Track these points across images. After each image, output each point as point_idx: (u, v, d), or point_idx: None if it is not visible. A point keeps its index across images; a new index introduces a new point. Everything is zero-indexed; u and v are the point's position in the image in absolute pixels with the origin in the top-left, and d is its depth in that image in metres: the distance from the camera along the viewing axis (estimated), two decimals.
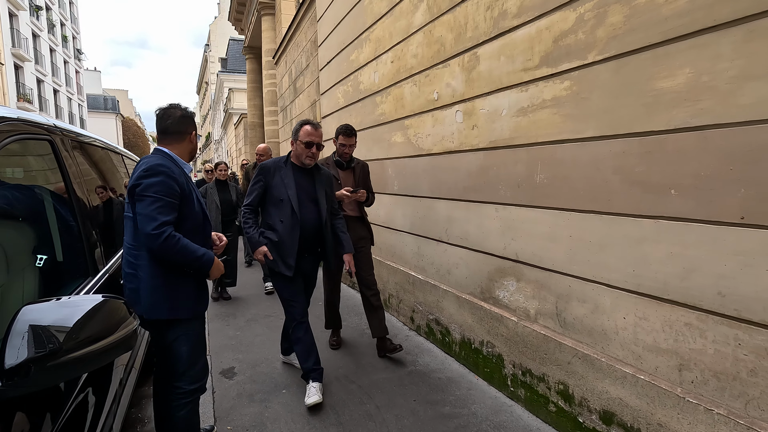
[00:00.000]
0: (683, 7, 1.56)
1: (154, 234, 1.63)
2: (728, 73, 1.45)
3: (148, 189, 1.67)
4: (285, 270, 2.49)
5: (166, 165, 1.74)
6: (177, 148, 1.89)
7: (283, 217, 2.50)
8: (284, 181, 2.53)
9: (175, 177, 1.74)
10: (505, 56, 2.45)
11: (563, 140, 2.11)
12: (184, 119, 1.90)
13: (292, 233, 2.49)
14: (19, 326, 0.87)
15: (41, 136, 1.50)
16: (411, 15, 3.38)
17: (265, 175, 2.57)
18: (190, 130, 1.93)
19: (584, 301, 2.06)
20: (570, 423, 2.12)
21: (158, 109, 1.91)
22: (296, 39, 8.42)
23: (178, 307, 1.79)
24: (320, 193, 2.60)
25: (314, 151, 2.52)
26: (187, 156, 1.95)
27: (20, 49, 24.81)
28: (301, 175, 2.58)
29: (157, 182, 1.68)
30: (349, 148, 3.13)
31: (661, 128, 1.67)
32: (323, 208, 2.59)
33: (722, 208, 1.49)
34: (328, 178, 2.70)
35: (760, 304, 1.41)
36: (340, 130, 3.12)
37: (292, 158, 2.61)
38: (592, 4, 1.91)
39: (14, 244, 1.29)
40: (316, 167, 2.65)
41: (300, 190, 2.54)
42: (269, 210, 2.57)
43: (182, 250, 1.69)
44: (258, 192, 2.58)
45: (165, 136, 1.88)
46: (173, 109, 1.90)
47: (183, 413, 1.87)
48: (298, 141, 2.52)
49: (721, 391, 1.53)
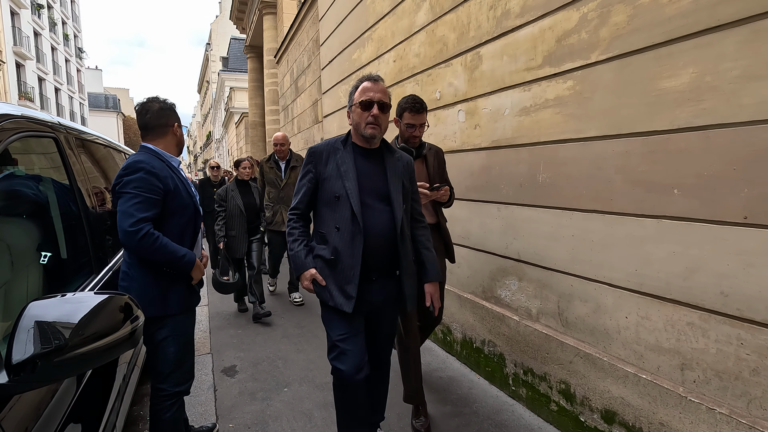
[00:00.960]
0: (687, 7, 1.56)
1: (131, 231, 1.59)
2: (732, 73, 1.45)
3: (126, 186, 1.65)
4: (343, 303, 1.67)
5: (145, 161, 1.70)
6: (161, 143, 1.84)
7: (340, 222, 1.69)
8: (341, 169, 1.71)
9: (156, 172, 1.70)
10: (507, 56, 2.46)
11: (566, 140, 2.11)
12: (163, 111, 1.83)
13: (353, 246, 1.67)
14: (26, 322, 0.88)
15: (46, 133, 1.50)
16: (413, 14, 3.38)
17: (315, 163, 1.77)
18: (172, 122, 1.86)
19: (586, 300, 2.06)
20: (572, 422, 2.12)
21: (137, 104, 1.85)
22: (298, 38, 8.42)
23: (167, 304, 1.76)
24: (394, 187, 1.75)
25: (377, 112, 1.69)
26: (174, 149, 1.89)
27: (22, 47, 24.84)
28: (364, 160, 1.76)
29: (135, 179, 1.65)
30: (419, 129, 2.24)
31: (664, 128, 1.67)
32: (399, 209, 1.72)
33: (725, 207, 1.49)
34: (407, 164, 1.86)
35: (762, 304, 1.41)
36: (406, 105, 2.22)
37: (353, 137, 1.81)
38: (595, 3, 1.91)
39: (19, 241, 1.30)
40: (387, 147, 1.83)
41: (364, 180, 1.72)
42: (321, 213, 1.77)
43: (161, 248, 1.65)
44: (307, 189, 1.78)
45: (147, 131, 1.83)
46: (151, 102, 1.83)
47: (168, 416, 1.82)
48: (354, 105, 1.75)
49: (724, 391, 1.53)
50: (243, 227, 4.04)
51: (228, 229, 4.00)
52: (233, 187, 4.09)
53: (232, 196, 4.05)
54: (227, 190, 4.07)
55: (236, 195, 4.06)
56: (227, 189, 4.07)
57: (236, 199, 4.04)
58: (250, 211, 4.13)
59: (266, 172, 4.59)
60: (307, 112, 8.09)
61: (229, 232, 4.00)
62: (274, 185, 4.53)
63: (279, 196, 4.50)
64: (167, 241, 1.68)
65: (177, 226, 1.78)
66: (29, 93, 25.77)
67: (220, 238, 3.97)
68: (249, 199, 4.14)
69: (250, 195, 4.17)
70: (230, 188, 4.08)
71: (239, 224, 4.02)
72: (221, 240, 3.96)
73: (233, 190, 4.07)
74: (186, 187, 1.85)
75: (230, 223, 4.00)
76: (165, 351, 1.79)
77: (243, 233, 4.04)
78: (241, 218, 4.02)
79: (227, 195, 4.05)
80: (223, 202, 4.02)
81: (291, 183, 4.48)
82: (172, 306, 1.77)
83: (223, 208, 4.00)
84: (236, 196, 4.06)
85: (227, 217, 4.00)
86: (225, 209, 4.00)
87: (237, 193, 4.07)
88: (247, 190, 4.18)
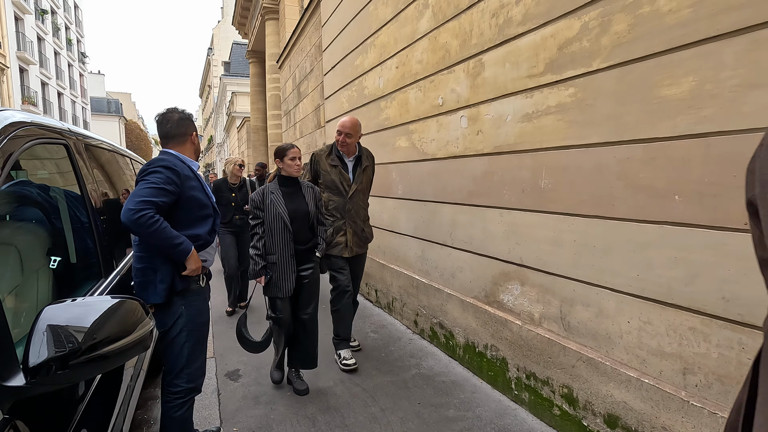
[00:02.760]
0: (687, 17, 1.59)
1: (132, 209, 1.65)
2: (731, 81, 1.48)
3: (145, 175, 1.77)
4: None
5: (168, 159, 1.84)
6: (180, 150, 1.98)
7: None
8: None
9: (177, 169, 1.81)
10: (510, 63, 2.49)
11: (568, 146, 2.14)
12: (183, 121, 1.98)
13: None
14: (41, 326, 0.90)
15: (56, 140, 1.53)
16: (416, 21, 3.42)
17: None
18: (191, 131, 2.01)
19: (588, 305, 2.07)
20: (574, 426, 2.13)
21: (157, 115, 1.99)
22: (300, 43, 8.48)
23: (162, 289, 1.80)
24: None
25: None
26: (192, 155, 2.03)
27: (25, 52, 25.00)
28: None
29: (154, 170, 1.77)
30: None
31: (665, 135, 1.69)
32: None
33: (726, 214, 1.51)
34: None
35: (763, 309, 1.42)
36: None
37: None
38: (596, 12, 1.94)
39: (29, 246, 1.32)
40: None
41: None
42: None
43: (159, 231, 1.69)
44: None
45: (167, 140, 1.97)
46: (171, 113, 1.98)
47: (180, 413, 1.87)
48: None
49: (725, 395, 1.54)
50: (287, 250, 2.57)
51: (266, 253, 2.60)
52: (275, 187, 2.64)
53: (273, 200, 2.58)
54: (265, 192, 2.61)
55: (278, 199, 2.58)
56: (265, 191, 2.62)
57: (278, 205, 2.56)
58: (300, 223, 2.62)
59: (325, 172, 3.09)
60: (310, 117, 8.13)
61: (269, 257, 2.59)
62: (337, 191, 3.07)
63: (345, 209, 3.06)
64: (166, 225, 1.72)
65: (191, 222, 1.86)
66: (32, 97, 25.90)
67: (259, 270, 2.57)
68: (299, 205, 2.62)
69: (301, 199, 2.64)
70: (270, 189, 2.63)
71: (282, 245, 2.56)
72: (261, 272, 2.58)
73: (274, 192, 2.61)
74: (204, 188, 1.96)
75: (267, 242, 2.59)
76: (178, 346, 1.85)
77: (288, 260, 2.58)
78: (285, 235, 2.56)
79: (265, 199, 2.59)
80: (260, 212, 2.59)
81: (362, 190, 3.16)
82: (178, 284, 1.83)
83: (260, 221, 2.60)
84: (278, 200, 2.58)
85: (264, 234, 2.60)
86: (263, 221, 2.59)
87: (279, 196, 2.59)
88: (296, 191, 2.66)
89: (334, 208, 3.08)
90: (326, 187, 3.10)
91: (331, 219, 3.07)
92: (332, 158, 3.08)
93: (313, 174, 3.17)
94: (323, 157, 3.11)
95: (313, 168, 3.15)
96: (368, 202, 3.30)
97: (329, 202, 3.10)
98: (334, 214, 3.08)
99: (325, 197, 3.10)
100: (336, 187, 3.07)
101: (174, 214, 1.81)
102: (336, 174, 3.06)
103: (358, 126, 3.05)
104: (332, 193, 3.09)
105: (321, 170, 3.11)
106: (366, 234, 3.22)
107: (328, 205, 3.10)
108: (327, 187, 3.10)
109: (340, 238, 3.06)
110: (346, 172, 3.09)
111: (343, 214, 3.07)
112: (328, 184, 3.08)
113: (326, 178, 3.08)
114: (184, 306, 1.86)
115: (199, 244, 1.90)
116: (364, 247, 3.22)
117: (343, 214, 3.07)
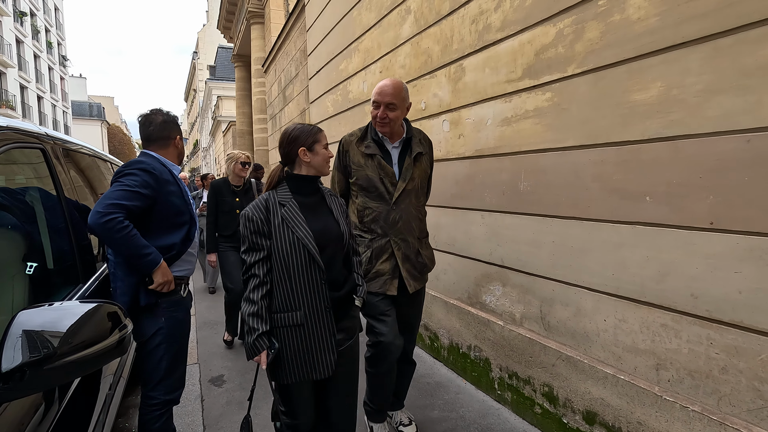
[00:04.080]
0: (654, 25, 1.66)
1: (100, 212, 1.55)
2: (696, 87, 1.54)
3: (120, 177, 1.69)
4: None
5: (147, 162, 1.76)
6: (164, 154, 1.90)
7: None
8: None
9: (154, 173, 1.73)
10: (489, 68, 2.54)
11: (545, 149, 2.19)
12: (167, 124, 1.89)
13: None
14: (15, 331, 0.89)
15: (33, 144, 1.52)
16: (399, 27, 3.47)
17: None
18: (174, 135, 1.92)
19: (567, 304, 2.12)
20: (555, 424, 2.17)
21: (140, 115, 1.89)
22: (286, 48, 8.48)
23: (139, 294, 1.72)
24: None
25: None
26: (175, 160, 1.95)
27: (3, 55, 24.43)
28: None
29: (130, 172, 1.69)
30: None
31: (636, 138, 1.75)
32: None
33: (693, 214, 1.57)
34: None
35: (729, 305, 1.48)
36: None
37: None
38: (570, 20, 2.01)
39: (4, 251, 1.30)
40: None
41: None
42: None
43: (126, 238, 1.58)
44: None
45: (149, 142, 1.88)
46: (155, 114, 1.89)
47: (157, 426, 1.81)
48: None
49: (696, 389, 1.59)
50: (319, 301, 1.54)
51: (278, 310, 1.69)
52: (285, 196, 1.70)
53: (285, 219, 1.56)
54: (269, 205, 1.65)
55: (294, 215, 1.57)
56: (269, 203, 1.66)
57: (296, 226, 1.55)
58: (332, 253, 1.61)
59: (357, 166, 2.06)
60: (295, 120, 8.13)
61: (282, 317, 1.63)
62: (375, 194, 2.04)
63: (389, 220, 2.03)
64: (136, 233, 1.61)
65: (165, 229, 1.78)
66: (11, 101, 25.29)
67: (258, 342, 1.50)
68: (327, 224, 1.63)
69: (327, 215, 1.65)
70: (279, 199, 1.65)
71: (310, 292, 1.54)
72: (261, 345, 1.53)
73: (286, 204, 1.66)
74: (183, 194, 1.88)
75: (279, 292, 1.66)
76: (157, 357, 1.78)
77: (321, 318, 1.55)
78: (312, 274, 1.54)
79: (271, 218, 1.58)
80: (263, 239, 1.66)
81: (415, 190, 2.07)
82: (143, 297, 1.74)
83: (261, 256, 1.70)
84: (294, 217, 1.57)
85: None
86: (267, 256, 1.73)
87: (295, 210, 1.57)
88: (319, 201, 1.68)
89: (372, 219, 2.02)
90: (360, 189, 2.05)
91: (367, 237, 2.03)
92: (367, 144, 2.04)
93: (342, 171, 2.12)
94: (353, 143, 2.07)
95: (343, 161, 2.10)
96: (425, 210, 2.21)
97: (364, 211, 2.04)
98: (373, 229, 2.02)
99: (359, 203, 2.06)
100: (374, 188, 2.01)
101: (147, 220, 1.72)
102: (373, 168, 2.01)
103: (404, 91, 1.99)
104: (369, 196, 2.03)
105: (352, 164, 2.05)
106: (424, 258, 2.10)
107: (362, 215, 2.05)
108: (361, 188, 2.05)
109: (382, 265, 2.00)
110: (389, 163, 2.02)
111: (386, 229, 2.01)
112: (362, 182, 2.03)
113: (359, 174, 2.03)
114: (164, 318, 1.78)
115: (172, 255, 1.79)
116: (421, 279, 2.11)
117: (386, 229, 2.01)
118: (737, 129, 1.44)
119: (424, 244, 2.16)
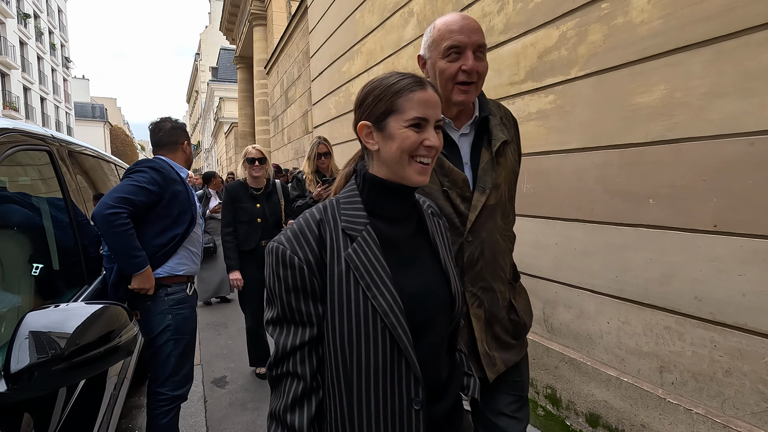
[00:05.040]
0: (657, 28, 1.66)
1: (107, 203, 1.65)
2: (700, 89, 1.54)
3: (130, 174, 1.81)
4: None
5: (156, 162, 1.87)
6: (172, 158, 2.01)
7: None
8: None
9: (163, 172, 1.84)
10: (492, 70, 2.54)
11: (549, 151, 2.19)
12: (175, 130, 2.03)
13: None
14: (23, 332, 0.90)
15: (39, 146, 1.53)
16: (401, 29, 3.48)
17: None
18: (182, 140, 2.05)
19: (570, 306, 2.12)
20: (558, 426, 2.17)
21: (151, 123, 2.05)
22: (288, 50, 8.51)
23: None
24: None
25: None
26: (183, 164, 2.06)
27: (7, 56, 24.55)
28: None
29: (140, 170, 1.81)
30: None
31: (640, 141, 1.75)
32: None
33: (697, 216, 1.57)
34: None
35: (732, 307, 1.48)
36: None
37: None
38: (573, 22, 2.01)
39: (11, 252, 1.31)
40: None
41: None
42: None
43: (122, 234, 1.65)
44: None
45: (159, 148, 2.01)
46: (164, 122, 2.04)
47: (165, 421, 1.87)
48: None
49: (699, 392, 1.59)
50: (404, 419, 0.76)
51: None
52: (351, 222, 0.82)
53: (352, 269, 0.77)
54: (329, 242, 0.80)
55: (369, 263, 0.78)
56: (324, 237, 0.80)
57: (374, 284, 0.77)
58: (437, 333, 0.84)
59: None
60: (297, 122, 8.15)
61: None
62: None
63: (461, 258, 1.15)
64: (133, 234, 1.70)
65: (170, 222, 1.86)
66: (14, 103, 25.41)
67: None
68: (427, 276, 0.85)
69: (429, 255, 0.88)
70: (349, 228, 0.80)
71: (391, 414, 0.75)
72: None
73: (357, 235, 0.80)
74: (189, 195, 1.96)
75: (334, 406, 0.80)
76: (165, 354, 1.85)
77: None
78: (398, 372, 0.76)
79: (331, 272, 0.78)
80: (312, 305, 0.79)
81: (502, 202, 1.22)
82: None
83: (307, 338, 0.80)
84: (369, 267, 0.78)
85: None
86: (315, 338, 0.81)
87: (374, 251, 0.79)
88: (417, 233, 0.90)
89: None
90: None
91: None
92: None
93: None
94: None
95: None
96: (514, 234, 1.33)
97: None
98: None
99: None
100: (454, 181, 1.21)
101: (153, 213, 1.81)
102: (431, 175, 0.93)
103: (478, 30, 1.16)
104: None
105: None
106: (518, 316, 1.28)
107: None
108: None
109: None
110: (457, 164, 1.19)
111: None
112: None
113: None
114: (171, 315, 1.86)
115: (174, 244, 1.88)
116: (515, 349, 1.28)
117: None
118: (741, 132, 1.44)
119: (518, 292, 1.33)
